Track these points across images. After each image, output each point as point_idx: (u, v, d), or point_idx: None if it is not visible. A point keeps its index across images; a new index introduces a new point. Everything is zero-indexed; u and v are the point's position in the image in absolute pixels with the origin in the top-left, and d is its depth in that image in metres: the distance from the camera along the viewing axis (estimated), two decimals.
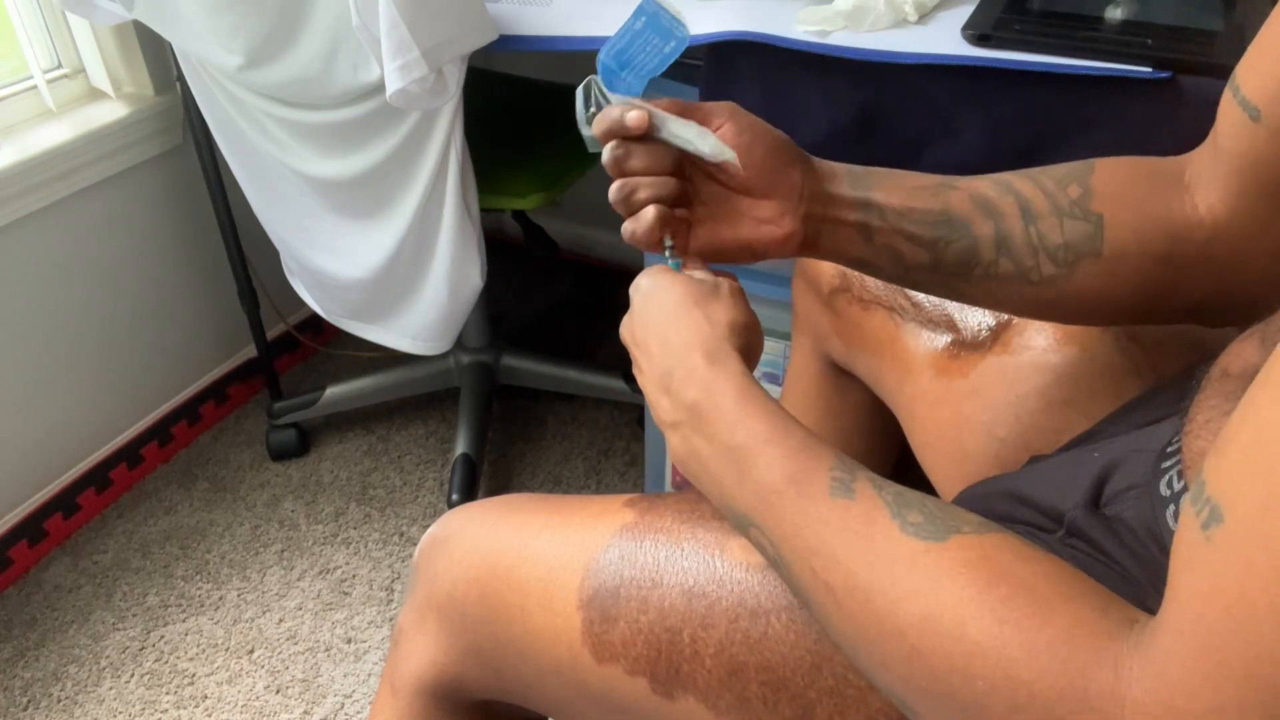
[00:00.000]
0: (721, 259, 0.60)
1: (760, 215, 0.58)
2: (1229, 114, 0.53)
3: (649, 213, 0.56)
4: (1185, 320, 0.59)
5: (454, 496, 1.41)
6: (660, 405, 0.52)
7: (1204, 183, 0.56)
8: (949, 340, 0.73)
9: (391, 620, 1.31)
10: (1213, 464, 0.32)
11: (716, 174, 0.58)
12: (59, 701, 1.22)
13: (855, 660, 0.43)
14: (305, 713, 1.20)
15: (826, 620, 0.44)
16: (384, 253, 1.17)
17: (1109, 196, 0.57)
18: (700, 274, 0.56)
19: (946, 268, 0.59)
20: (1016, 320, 0.71)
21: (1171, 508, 0.46)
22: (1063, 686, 0.34)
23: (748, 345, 0.53)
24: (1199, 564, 0.31)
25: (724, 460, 0.48)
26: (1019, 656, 0.35)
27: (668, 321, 0.53)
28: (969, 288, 0.60)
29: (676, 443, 0.51)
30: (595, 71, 0.59)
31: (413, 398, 1.67)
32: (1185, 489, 0.46)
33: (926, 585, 0.39)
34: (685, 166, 0.59)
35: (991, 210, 0.58)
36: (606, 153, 0.57)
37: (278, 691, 1.22)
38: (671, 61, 0.58)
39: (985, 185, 0.59)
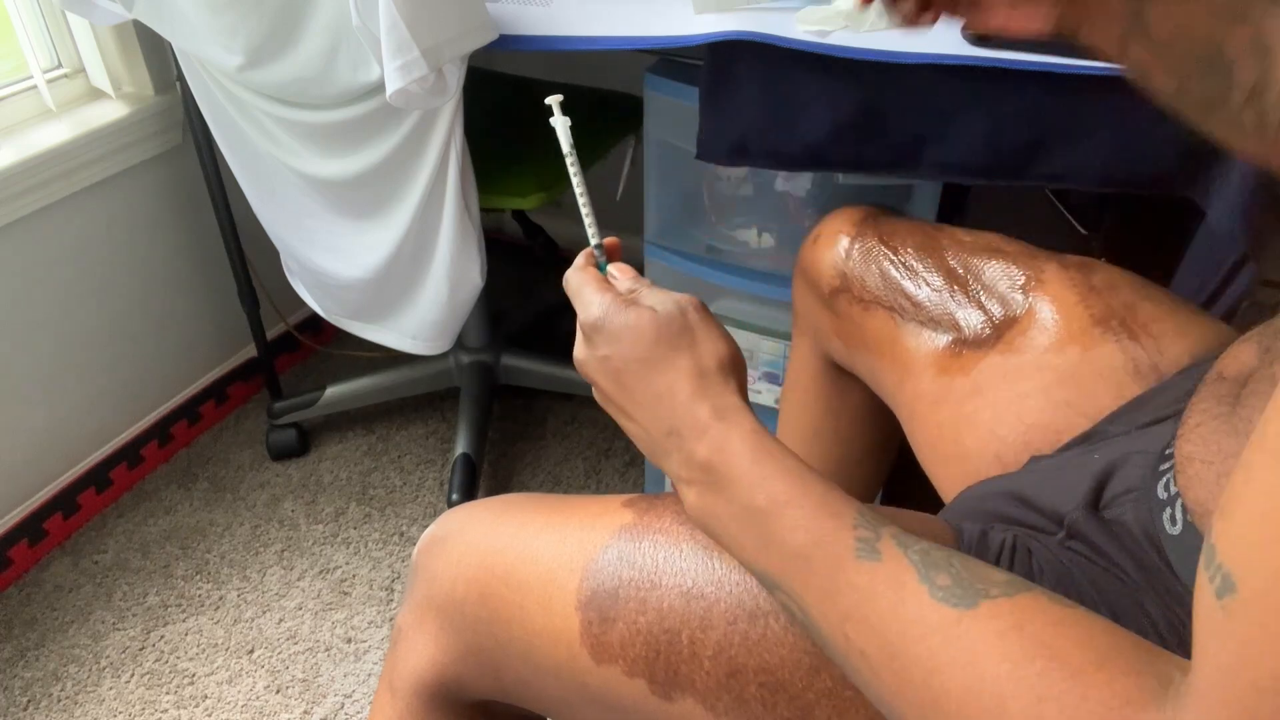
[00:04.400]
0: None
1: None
2: None
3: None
4: None
5: (454, 496, 1.41)
6: (669, 463, 0.50)
7: None
8: (950, 339, 0.73)
9: (391, 620, 1.31)
10: (1221, 527, 0.32)
11: None
12: (59, 701, 1.22)
13: None
14: (305, 713, 1.20)
15: (864, 685, 0.43)
16: (384, 252, 1.17)
17: None
18: (655, 296, 0.53)
19: (1188, 101, 0.57)
20: (1019, 318, 0.71)
21: (1168, 510, 0.46)
22: None
23: (739, 378, 0.51)
24: (1219, 634, 0.31)
25: (744, 523, 0.46)
26: None
27: (655, 374, 0.50)
28: (1202, 121, 0.57)
29: (692, 499, 0.49)
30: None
31: (413, 398, 1.67)
32: (1179, 494, 0.46)
33: (962, 658, 0.38)
34: None
35: (1265, 56, 0.54)
36: None
37: (278, 691, 1.22)
38: None
39: (1274, 27, 0.55)
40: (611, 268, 0.58)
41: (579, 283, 0.55)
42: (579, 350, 0.54)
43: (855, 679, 0.44)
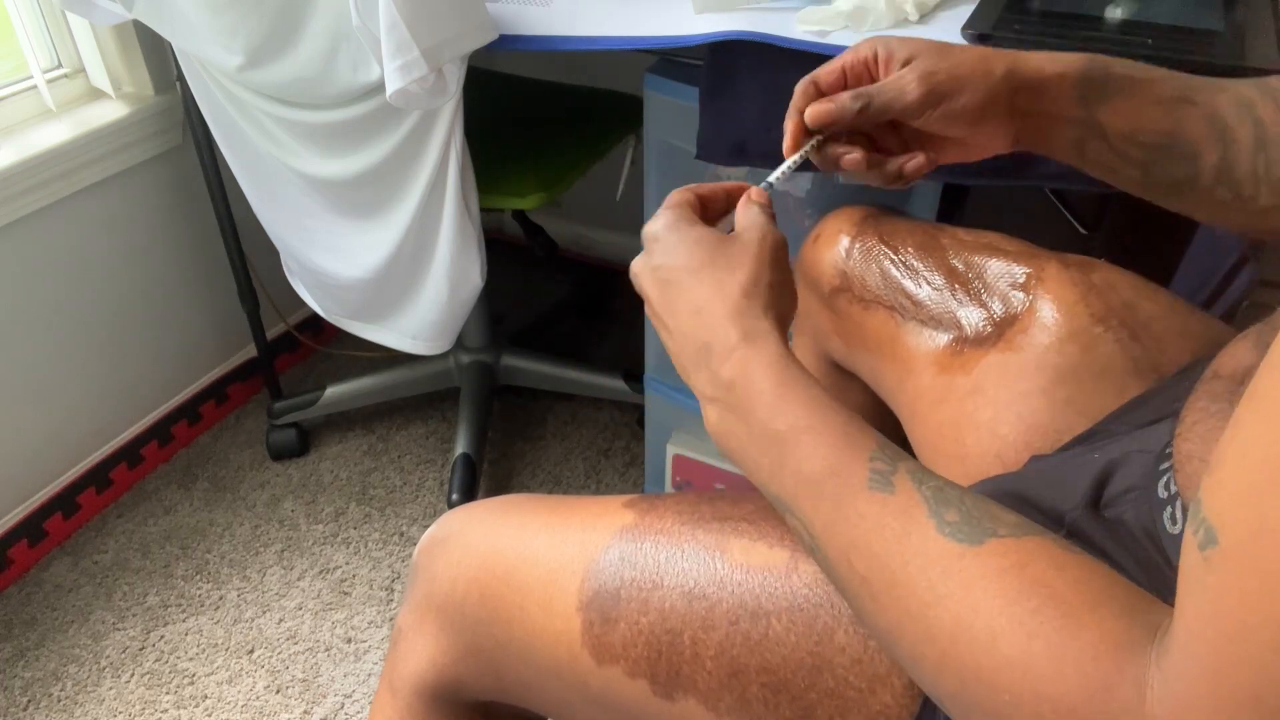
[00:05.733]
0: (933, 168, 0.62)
1: (968, 143, 0.60)
2: None
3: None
4: None
5: (454, 496, 1.41)
6: (697, 378, 0.51)
7: None
8: (951, 338, 0.73)
9: (391, 620, 1.31)
10: (1208, 483, 0.32)
11: (917, 124, 0.60)
12: (59, 701, 1.22)
13: (888, 652, 0.43)
14: (305, 713, 1.20)
15: (862, 613, 0.44)
16: (384, 252, 1.17)
17: None
18: (745, 221, 0.54)
19: (1157, 187, 0.58)
20: (1019, 316, 0.71)
21: (1168, 510, 0.46)
22: (1086, 703, 0.34)
23: (780, 307, 0.51)
24: (1200, 586, 0.32)
25: (762, 445, 0.47)
26: (1046, 673, 0.35)
27: (699, 288, 0.51)
28: (1176, 203, 0.59)
29: (714, 418, 0.50)
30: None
31: (413, 398, 1.67)
32: (1179, 493, 0.46)
33: (960, 592, 0.38)
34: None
35: (1224, 135, 0.56)
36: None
37: (278, 691, 1.22)
38: None
39: (1226, 104, 0.57)
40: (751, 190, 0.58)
41: (664, 205, 0.56)
42: (636, 261, 0.55)
43: (855, 607, 0.44)
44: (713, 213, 0.58)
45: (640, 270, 0.54)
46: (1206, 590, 0.31)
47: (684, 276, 0.51)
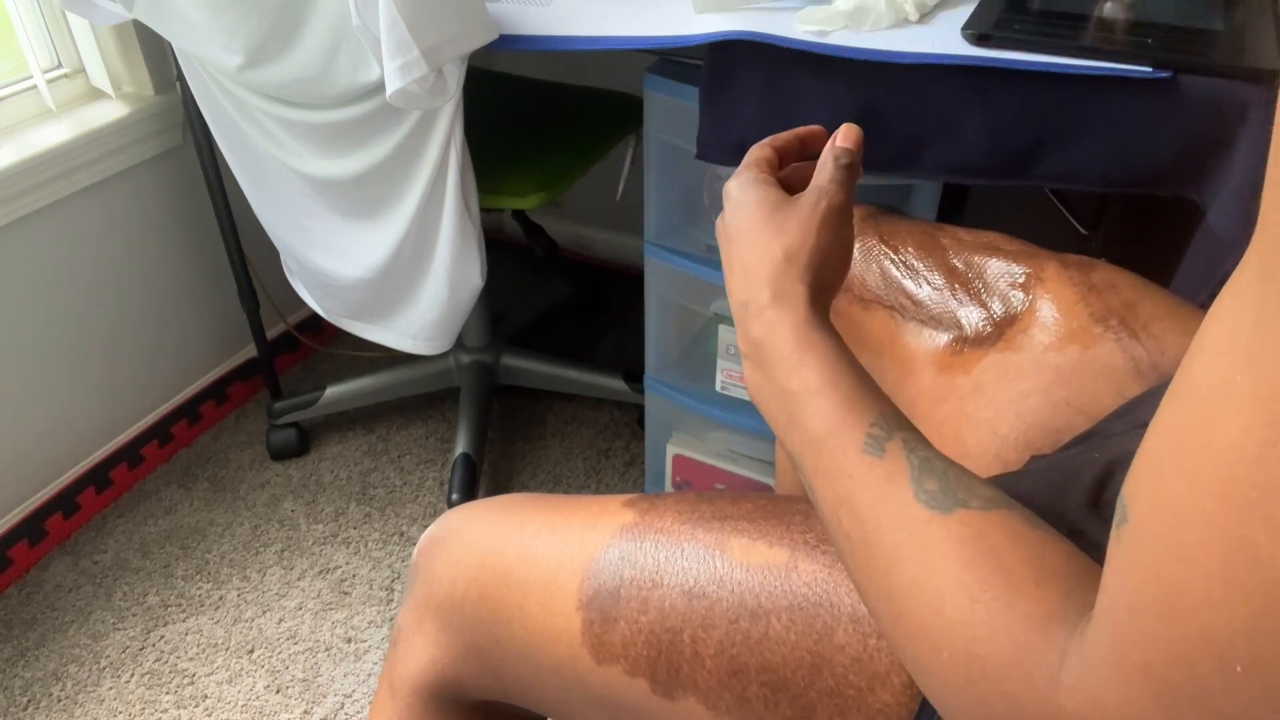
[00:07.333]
0: None
1: None
2: None
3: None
4: None
5: (454, 496, 1.41)
6: (739, 329, 0.53)
7: None
8: (951, 338, 0.73)
9: (391, 620, 1.31)
10: (1131, 467, 0.34)
11: None
12: (59, 701, 1.22)
13: (864, 604, 0.45)
14: (305, 713, 1.20)
15: (846, 567, 0.46)
16: (384, 252, 1.17)
17: None
18: (821, 180, 0.54)
19: None
20: (1019, 316, 0.71)
21: None
22: (1011, 666, 0.36)
23: (823, 273, 0.52)
24: (1113, 561, 0.33)
25: (779, 402, 0.49)
26: (980, 635, 0.37)
27: (751, 248, 0.53)
28: None
29: (748, 372, 0.52)
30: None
31: (413, 398, 1.67)
32: None
33: (920, 555, 0.40)
34: None
35: None
36: None
37: (278, 691, 1.22)
38: None
39: None
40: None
41: (743, 162, 0.58)
42: (720, 217, 0.57)
43: (842, 560, 0.46)
44: (788, 162, 0.60)
45: (718, 224, 0.57)
46: (1116, 564, 0.32)
47: (742, 236, 0.54)
